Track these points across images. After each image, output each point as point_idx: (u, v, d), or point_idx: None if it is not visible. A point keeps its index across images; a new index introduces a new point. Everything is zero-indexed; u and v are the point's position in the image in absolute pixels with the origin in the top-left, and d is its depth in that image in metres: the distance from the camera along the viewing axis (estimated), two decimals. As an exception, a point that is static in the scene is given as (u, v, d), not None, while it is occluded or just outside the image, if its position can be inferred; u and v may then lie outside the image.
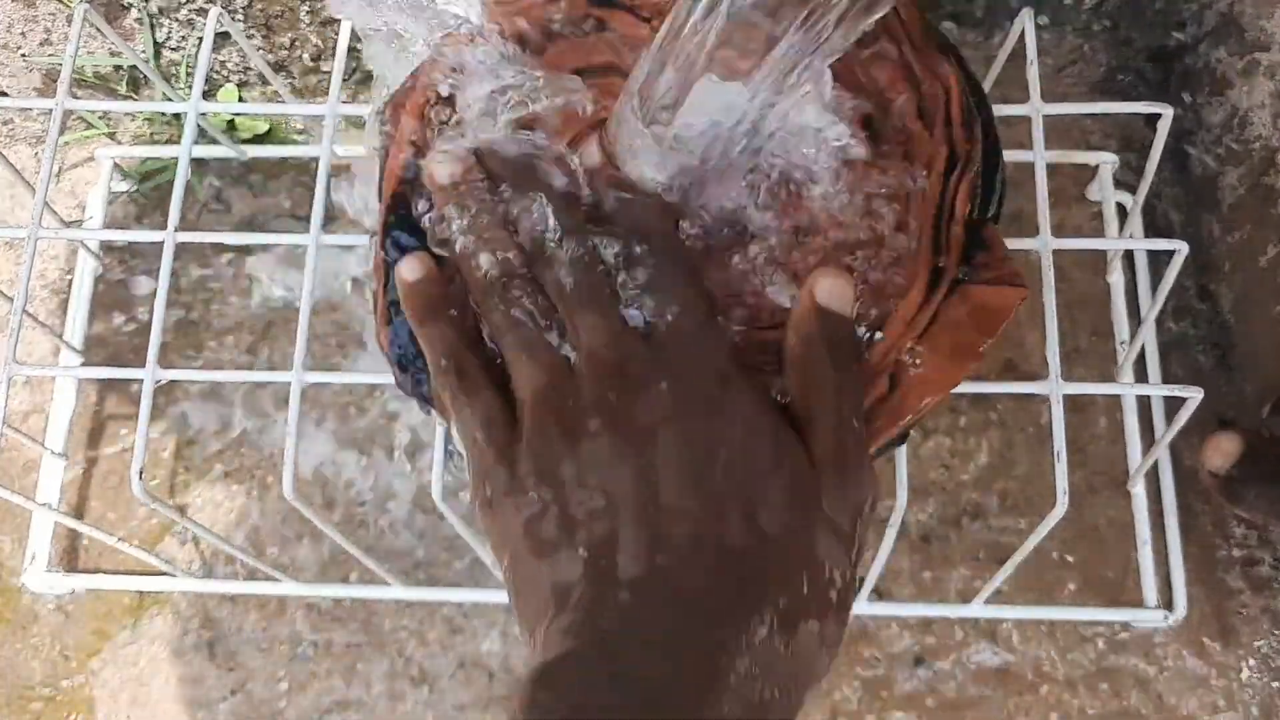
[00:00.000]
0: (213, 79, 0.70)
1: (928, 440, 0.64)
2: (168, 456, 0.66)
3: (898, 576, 0.61)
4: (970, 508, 0.63)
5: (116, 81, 0.70)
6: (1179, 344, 0.64)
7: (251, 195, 0.71)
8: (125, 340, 0.68)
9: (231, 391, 0.67)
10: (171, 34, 0.68)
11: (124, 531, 0.65)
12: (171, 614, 0.63)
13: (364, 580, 0.62)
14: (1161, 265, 0.63)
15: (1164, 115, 0.50)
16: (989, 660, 0.60)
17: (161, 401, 0.66)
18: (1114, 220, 0.65)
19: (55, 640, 0.63)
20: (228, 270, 0.69)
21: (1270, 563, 0.61)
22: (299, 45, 0.68)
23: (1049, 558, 0.61)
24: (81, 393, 0.67)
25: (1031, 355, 0.64)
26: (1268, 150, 0.59)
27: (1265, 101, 0.59)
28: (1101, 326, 0.64)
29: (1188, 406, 0.45)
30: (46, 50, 0.68)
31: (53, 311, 0.69)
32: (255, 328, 0.68)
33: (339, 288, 0.68)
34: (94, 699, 0.62)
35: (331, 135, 0.49)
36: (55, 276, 0.70)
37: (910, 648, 0.60)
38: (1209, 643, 0.60)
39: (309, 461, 0.65)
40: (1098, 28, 0.67)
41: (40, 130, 0.73)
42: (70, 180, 0.72)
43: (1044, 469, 0.63)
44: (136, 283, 0.69)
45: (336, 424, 0.66)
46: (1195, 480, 0.61)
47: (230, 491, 0.65)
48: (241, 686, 0.62)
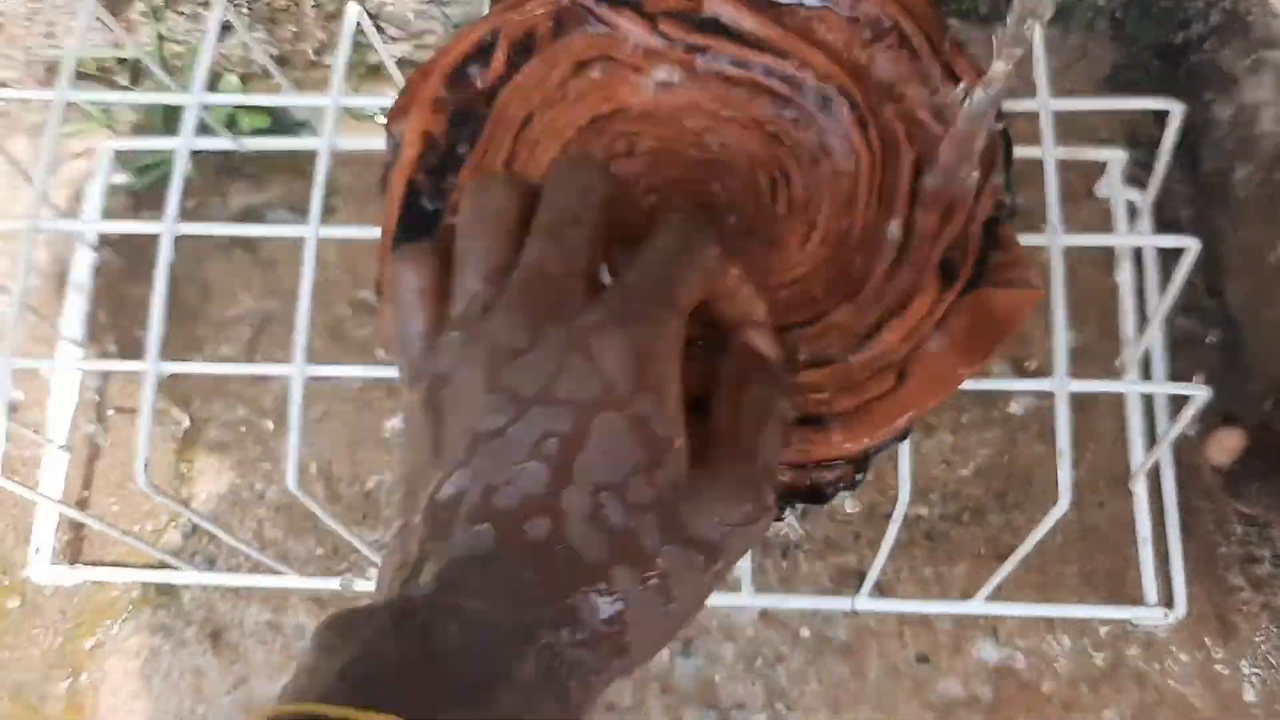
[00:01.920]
0: (214, 71, 0.70)
1: (930, 437, 0.64)
2: (171, 449, 0.66)
3: (899, 573, 0.61)
4: (972, 504, 0.63)
5: (117, 73, 0.70)
6: (1186, 341, 0.64)
7: (249, 187, 0.71)
8: (126, 333, 0.68)
9: (235, 384, 0.67)
10: (175, 27, 0.67)
11: (127, 524, 0.65)
12: (174, 607, 0.63)
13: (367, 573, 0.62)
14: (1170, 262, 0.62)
15: (1174, 111, 0.50)
16: (990, 657, 0.60)
17: (164, 394, 0.66)
18: (1123, 217, 0.64)
19: (58, 632, 0.63)
20: (227, 263, 0.69)
21: (1270, 560, 0.61)
22: (303, 38, 0.67)
23: (1050, 555, 0.61)
24: (83, 385, 0.67)
25: (1036, 352, 0.64)
26: (1277, 146, 0.59)
27: (1273, 98, 0.59)
28: (1108, 324, 0.64)
29: (1193, 405, 0.45)
30: (50, 42, 0.68)
31: (48, 303, 0.69)
32: (254, 322, 0.68)
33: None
34: (97, 691, 0.62)
35: (334, 127, 0.49)
36: (55, 269, 0.70)
37: (912, 644, 0.60)
38: (1209, 640, 0.60)
39: (312, 454, 0.65)
40: (1102, 25, 0.67)
41: (38, 121, 0.72)
42: (68, 172, 0.72)
43: (1046, 465, 0.63)
44: (136, 275, 0.69)
45: (341, 416, 0.66)
46: (1197, 478, 0.61)
47: (234, 484, 0.65)
48: (244, 680, 0.62)
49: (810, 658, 0.60)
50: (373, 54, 0.68)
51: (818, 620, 0.61)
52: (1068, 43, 0.67)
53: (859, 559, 0.62)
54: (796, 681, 0.60)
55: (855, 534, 0.62)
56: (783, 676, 0.60)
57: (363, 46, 0.67)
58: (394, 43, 0.66)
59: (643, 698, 0.60)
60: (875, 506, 0.63)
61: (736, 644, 0.61)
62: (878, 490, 0.63)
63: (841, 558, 0.62)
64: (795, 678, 0.60)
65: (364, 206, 0.69)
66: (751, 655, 0.61)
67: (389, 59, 0.57)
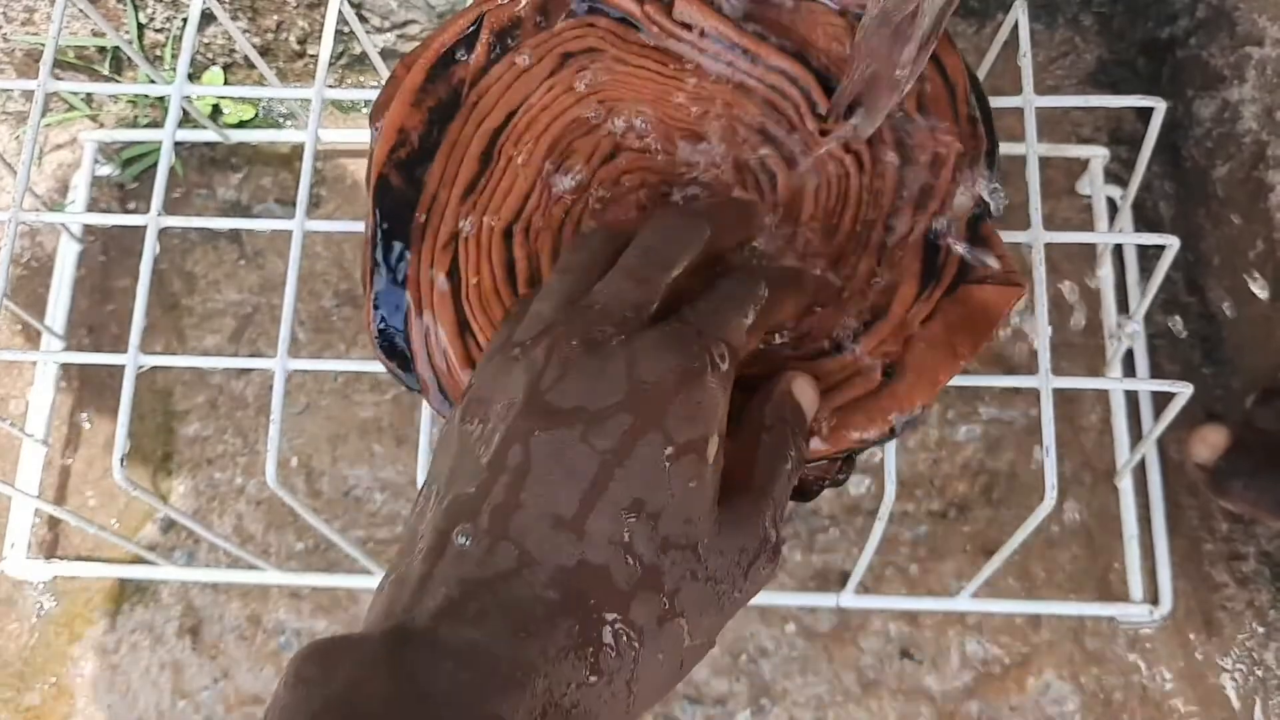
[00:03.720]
0: (197, 61, 0.70)
1: (916, 433, 0.63)
2: (150, 443, 0.65)
3: (885, 569, 0.61)
4: (958, 501, 0.63)
5: (99, 63, 0.69)
6: (1167, 337, 0.64)
7: (235, 180, 0.70)
8: (108, 325, 0.67)
9: (217, 375, 0.66)
10: (155, 15, 0.67)
11: (105, 518, 0.64)
12: (153, 602, 0.63)
13: (348, 569, 0.62)
14: (1151, 259, 0.63)
15: (1156, 109, 0.50)
16: (975, 652, 0.60)
17: (144, 387, 0.65)
18: (1104, 214, 0.65)
19: (34, 628, 0.63)
20: (212, 255, 0.68)
21: (1255, 557, 0.61)
22: (285, 28, 0.67)
23: (1036, 551, 0.61)
24: (63, 378, 0.66)
25: (1020, 349, 0.64)
26: (1258, 144, 0.59)
27: (1255, 95, 0.59)
28: (1091, 320, 0.64)
29: (1176, 402, 0.45)
30: (29, 30, 0.67)
31: (32, 295, 0.68)
32: (239, 314, 0.67)
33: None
34: (74, 686, 0.61)
35: (318, 119, 0.48)
36: (38, 260, 0.69)
37: (896, 640, 0.60)
38: (1194, 637, 0.60)
39: (294, 448, 0.64)
40: (1089, 20, 0.67)
41: (21, 111, 0.72)
42: (53, 163, 0.71)
43: (1032, 462, 0.63)
44: (120, 267, 0.68)
45: (323, 409, 0.65)
46: (1182, 475, 0.62)
47: (213, 479, 0.65)
48: (224, 675, 0.61)
49: (795, 653, 0.60)
50: (357, 44, 0.67)
51: (803, 616, 0.61)
52: (1054, 38, 0.67)
53: (844, 555, 0.62)
54: (781, 677, 0.60)
55: (841, 530, 0.62)
56: (767, 671, 0.60)
57: (346, 36, 0.66)
58: (377, 33, 0.66)
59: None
60: (861, 503, 0.62)
61: (721, 639, 0.60)
62: (863, 486, 0.63)
63: (827, 554, 0.62)
64: (780, 673, 0.60)
65: (351, 199, 0.69)
66: (736, 650, 0.61)
67: (372, 49, 0.56)
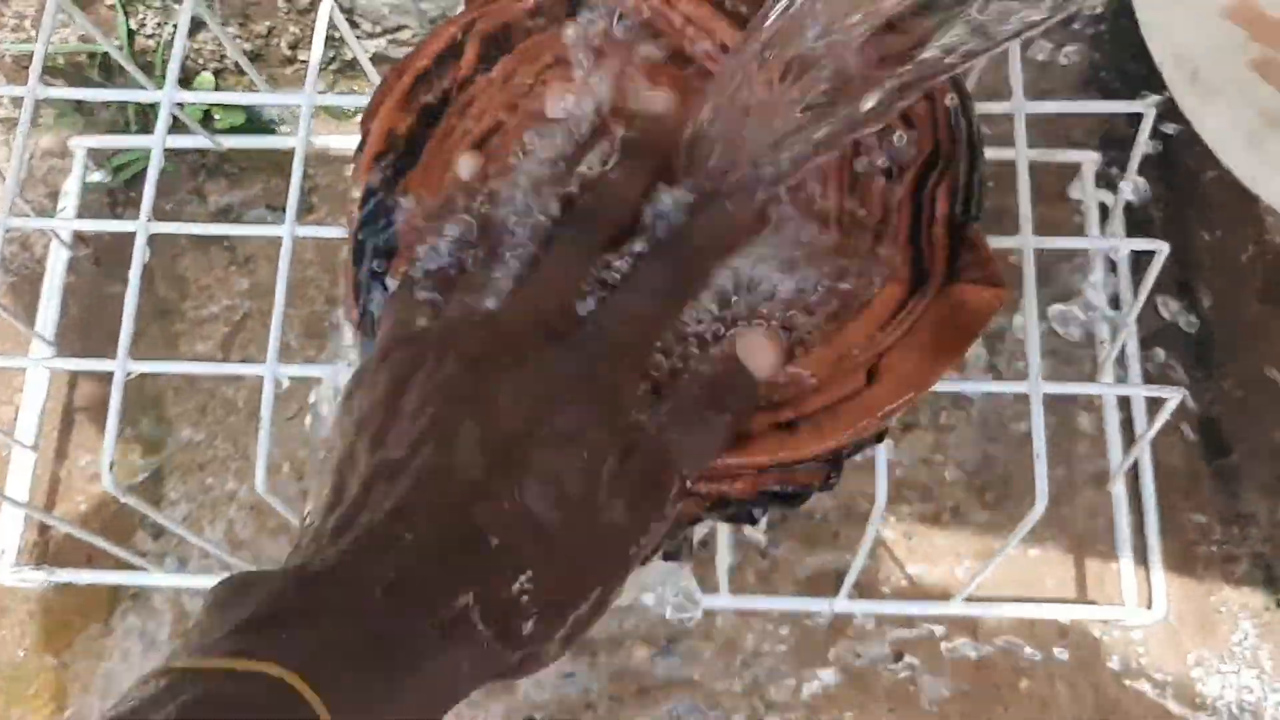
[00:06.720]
0: (188, 67, 0.69)
1: (908, 437, 0.63)
2: (140, 449, 0.65)
3: (878, 573, 0.61)
4: (951, 505, 0.63)
5: (90, 69, 0.69)
6: (1159, 342, 0.64)
7: (228, 186, 0.70)
8: (99, 332, 0.67)
9: (208, 381, 0.66)
10: (146, 21, 0.67)
11: (96, 525, 0.64)
12: (145, 609, 0.62)
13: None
14: (1142, 264, 0.63)
15: (1146, 114, 0.50)
16: (969, 656, 0.60)
17: (135, 393, 0.65)
18: (1095, 219, 0.65)
19: (25, 635, 0.62)
20: (203, 260, 0.68)
21: (1249, 561, 0.61)
22: (276, 33, 0.67)
23: (1029, 555, 0.61)
24: (53, 384, 0.66)
25: (1012, 353, 0.64)
26: (1249, 149, 0.59)
27: (1247, 100, 0.59)
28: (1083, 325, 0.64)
29: (1167, 406, 0.45)
30: (18, 36, 0.67)
31: (23, 302, 0.68)
32: (231, 320, 0.67)
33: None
34: (65, 694, 0.61)
35: (308, 125, 0.48)
36: (28, 267, 0.69)
37: (890, 643, 0.60)
38: (1187, 640, 0.60)
39: (285, 453, 0.64)
40: (1079, 25, 0.67)
41: (10, 117, 0.71)
42: (43, 169, 0.71)
43: (1025, 466, 0.62)
44: (111, 274, 0.68)
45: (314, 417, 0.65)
46: (1175, 478, 0.62)
47: (205, 484, 0.64)
48: (216, 682, 0.61)
49: (788, 657, 0.60)
50: (348, 50, 0.67)
51: (797, 620, 0.61)
52: (1046, 43, 0.68)
53: (838, 559, 0.61)
54: (774, 680, 0.60)
55: (834, 533, 0.62)
56: (761, 675, 0.60)
57: (337, 42, 0.66)
58: (369, 38, 0.66)
59: (620, 696, 0.60)
60: (854, 506, 0.62)
61: (714, 643, 0.60)
62: (856, 490, 0.63)
63: (820, 558, 0.62)
64: (773, 676, 0.60)
65: (342, 204, 0.68)
66: (730, 654, 0.60)
67: (363, 55, 0.56)
